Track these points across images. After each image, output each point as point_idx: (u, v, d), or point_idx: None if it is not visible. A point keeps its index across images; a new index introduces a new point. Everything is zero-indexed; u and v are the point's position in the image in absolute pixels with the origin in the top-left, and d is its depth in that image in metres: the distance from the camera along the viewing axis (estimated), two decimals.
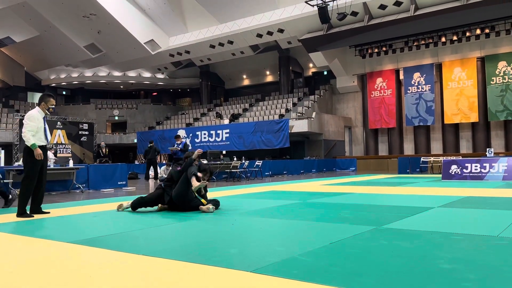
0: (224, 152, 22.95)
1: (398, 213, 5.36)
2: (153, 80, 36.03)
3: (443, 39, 23.33)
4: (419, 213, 5.32)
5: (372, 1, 21.45)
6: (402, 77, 25.51)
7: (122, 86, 37.71)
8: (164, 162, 21.91)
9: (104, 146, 18.73)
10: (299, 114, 24.81)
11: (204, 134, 26.25)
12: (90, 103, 36.09)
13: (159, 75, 35.84)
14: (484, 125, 23.20)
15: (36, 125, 5.70)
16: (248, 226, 4.64)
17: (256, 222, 4.91)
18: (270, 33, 25.27)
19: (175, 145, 14.38)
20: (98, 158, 18.64)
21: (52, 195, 9.42)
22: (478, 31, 22.20)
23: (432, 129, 25.06)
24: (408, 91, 25.06)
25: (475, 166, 12.11)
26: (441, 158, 17.14)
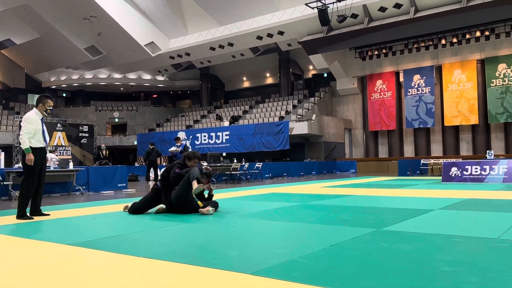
0: (224, 154, 22.95)
1: (398, 215, 5.35)
2: (153, 82, 36.06)
3: (443, 41, 23.36)
4: (419, 215, 5.31)
5: (372, 3, 21.48)
6: (402, 79, 25.53)
7: (122, 88, 37.74)
8: (164, 164, 21.92)
9: (104, 148, 18.75)
10: (299, 116, 24.82)
11: (204, 136, 26.25)
12: (90, 105, 36.10)
13: (159, 77, 35.88)
14: (484, 127, 23.21)
15: (34, 127, 5.66)
16: (248, 228, 4.63)
17: (256, 224, 4.90)
18: (270, 35, 25.30)
19: (175, 147, 14.38)
20: (98, 160, 18.66)
21: (52, 197, 9.41)
22: (478, 34, 22.23)
23: (432, 131, 25.06)
24: (408, 93, 25.07)
25: (475, 168, 12.11)
26: (441, 160, 17.13)
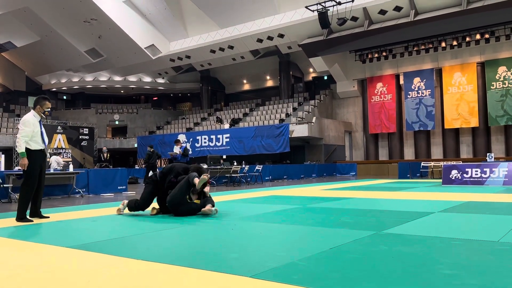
0: (224, 156, 22.93)
1: (399, 218, 5.34)
2: (153, 84, 36.10)
3: (443, 44, 23.38)
4: (420, 218, 5.30)
5: (372, 6, 21.52)
6: (402, 82, 25.55)
7: (122, 91, 37.77)
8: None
9: (106, 151, 18.75)
10: (299, 119, 24.83)
11: (204, 139, 26.25)
12: (90, 108, 36.13)
13: (160, 80, 35.91)
14: (484, 130, 23.20)
15: (31, 130, 5.58)
16: (248, 231, 4.62)
17: (256, 227, 4.90)
18: (270, 38, 25.33)
19: (175, 149, 14.37)
20: (99, 162, 18.67)
21: (52, 200, 9.40)
22: (478, 36, 22.24)
23: (432, 134, 25.06)
24: (408, 96, 25.09)
25: (476, 171, 12.09)
26: (441, 163, 17.11)
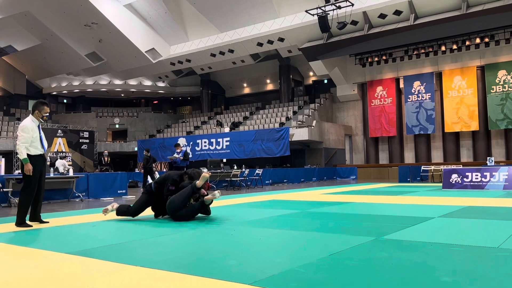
0: (224, 160, 22.95)
1: (398, 223, 5.33)
2: (154, 88, 36.14)
3: (443, 48, 23.43)
4: (419, 223, 5.29)
5: (372, 10, 21.56)
6: (402, 85, 25.57)
7: (123, 94, 37.82)
8: (164, 171, 21.88)
9: (107, 155, 18.73)
10: (300, 123, 24.83)
11: (204, 142, 26.25)
12: (91, 111, 36.17)
13: (160, 84, 35.96)
14: (484, 133, 23.20)
15: (30, 135, 5.57)
16: (247, 237, 4.61)
17: (255, 232, 4.89)
18: (270, 42, 25.38)
19: (175, 153, 14.35)
20: (99, 166, 18.65)
21: (51, 204, 9.39)
22: (478, 40, 22.29)
23: (432, 137, 25.06)
24: (408, 100, 25.10)
25: (476, 175, 12.08)
26: (441, 167, 17.10)
